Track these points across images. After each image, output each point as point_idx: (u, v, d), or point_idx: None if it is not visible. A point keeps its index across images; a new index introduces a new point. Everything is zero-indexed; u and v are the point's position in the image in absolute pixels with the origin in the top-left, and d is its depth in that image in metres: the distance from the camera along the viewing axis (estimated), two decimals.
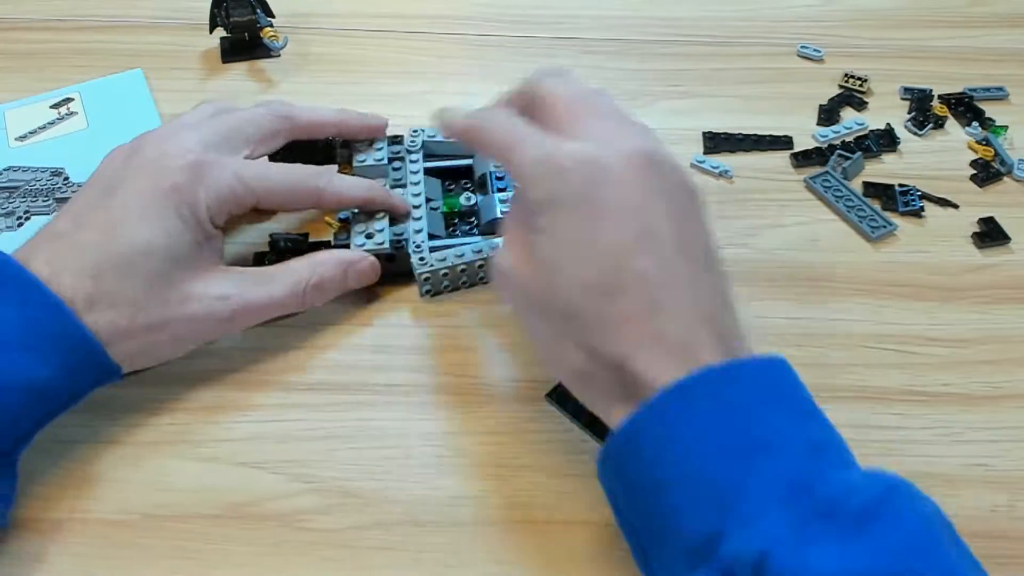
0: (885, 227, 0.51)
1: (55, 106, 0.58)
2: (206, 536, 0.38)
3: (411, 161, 0.52)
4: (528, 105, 0.39)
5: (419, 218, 0.48)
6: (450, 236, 0.50)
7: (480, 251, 0.47)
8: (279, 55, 0.63)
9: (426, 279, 0.46)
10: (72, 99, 0.58)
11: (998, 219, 0.52)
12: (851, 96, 0.61)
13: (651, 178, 0.35)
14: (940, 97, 0.60)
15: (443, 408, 0.43)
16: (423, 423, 0.42)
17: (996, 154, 0.56)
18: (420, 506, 0.39)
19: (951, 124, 0.59)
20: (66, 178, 0.54)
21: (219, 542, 0.38)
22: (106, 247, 0.39)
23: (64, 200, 0.52)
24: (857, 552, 0.28)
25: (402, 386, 0.44)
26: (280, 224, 0.51)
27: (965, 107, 0.60)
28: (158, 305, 0.39)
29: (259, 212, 0.48)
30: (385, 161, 0.51)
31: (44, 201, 0.52)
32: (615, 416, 0.33)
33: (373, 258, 0.46)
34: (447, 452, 0.41)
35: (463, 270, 0.47)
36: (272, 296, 0.43)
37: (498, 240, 0.48)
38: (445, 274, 0.47)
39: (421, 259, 0.46)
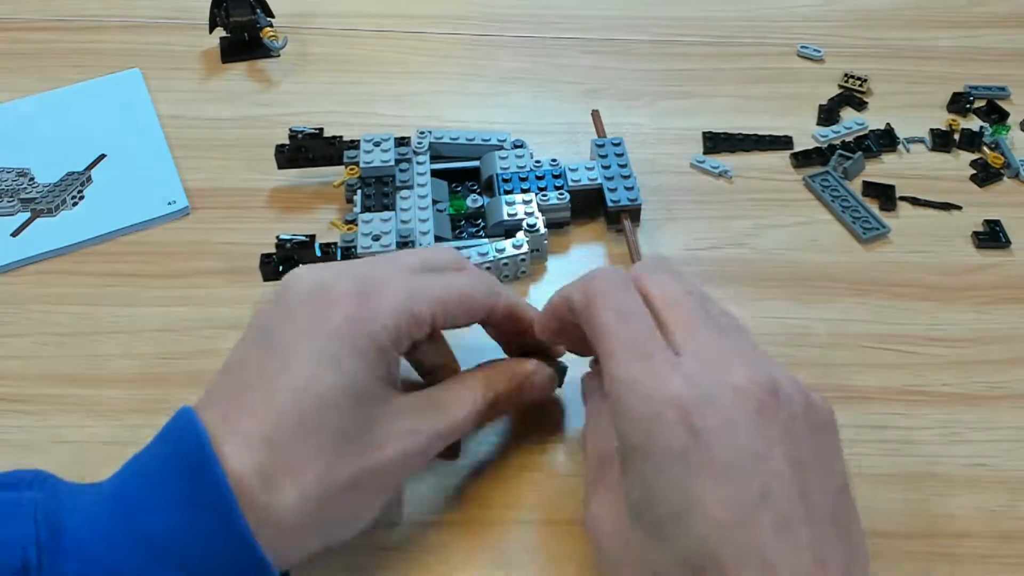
0: (877, 229, 0.51)
1: None
2: None
3: (418, 163, 0.52)
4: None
5: (425, 220, 0.48)
6: (456, 238, 0.50)
7: (486, 254, 0.47)
8: (279, 55, 0.63)
9: None
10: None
11: (997, 219, 0.52)
12: (851, 96, 0.61)
13: (770, 418, 0.29)
14: (974, 111, 0.60)
15: None
16: None
17: (1007, 162, 0.56)
18: (420, 506, 0.39)
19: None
20: (31, 179, 0.54)
21: None
22: (277, 404, 0.31)
23: (29, 200, 0.52)
24: None
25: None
26: (287, 225, 0.51)
27: (990, 107, 0.60)
28: (351, 458, 0.32)
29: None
30: (392, 162, 0.51)
31: (8, 201, 0.52)
32: None
33: (550, 370, 0.40)
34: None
35: None
36: (455, 421, 0.36)
37: (504, 243, 0.48)
38: None
39: None
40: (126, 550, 0.29)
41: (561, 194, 0.50)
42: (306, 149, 0.52)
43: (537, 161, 0.52)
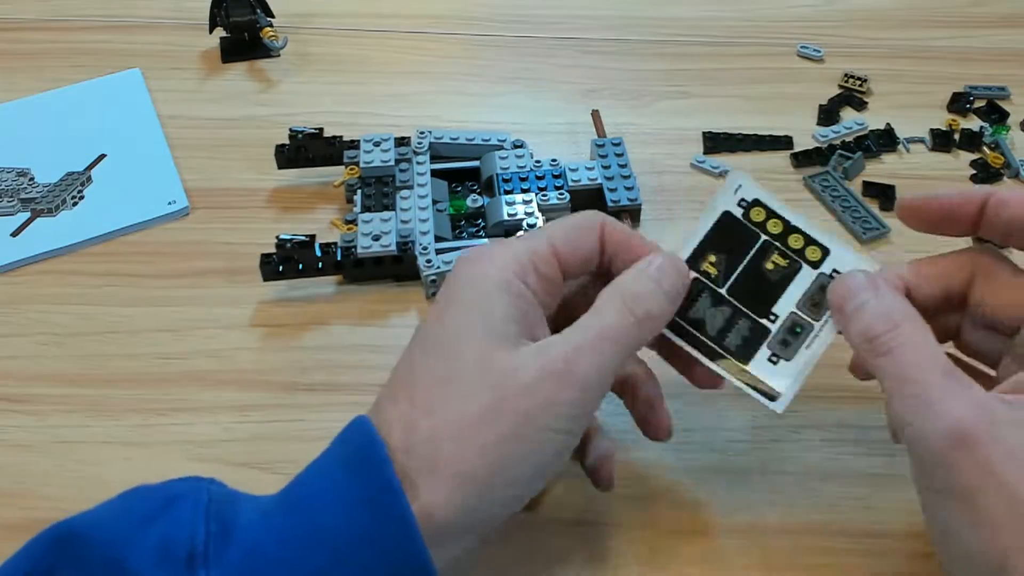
0: (877, 229, 0.51)
1: None
2: None
3: (418, 163, 0.52)
4: (947, 279, 0.33)
5: (426, 220, 0.48)
6: (457, 238, 0.50)
7: None
8: (279, 55, 0.63)
9: (432, 281, 0.46)
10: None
11: None
12: (851, 96, 0.61)
13: None
14: (974, 111, 0.60)
15: None
16: None
17: (1007, 162, 0.56)
18: None
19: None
20: (31, 178, 0.54)
21: None
22: (413, 363, 0.32)
23: (29, 200, 0.52)
24: None
25: None
26: (287, 225, 0.51)
27: (990, 108, 0.60)
28: (481, 391, 0.31)
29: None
30: (392, 162, 0.51)
31: (8, 201, 0.52)
32: None
33: (671, 255, 0.36)
34: None
35: None
36: (603, 326, 0.33)
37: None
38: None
39: (428, 261, 0.46)
40: (296, 544, 0.29)
41: (561, 194, 0.50)
42: (306, 149, 0.52)
43: (537, 161, 0.52)
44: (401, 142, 0.53)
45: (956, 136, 0.58)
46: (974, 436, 0.28)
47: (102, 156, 0.55)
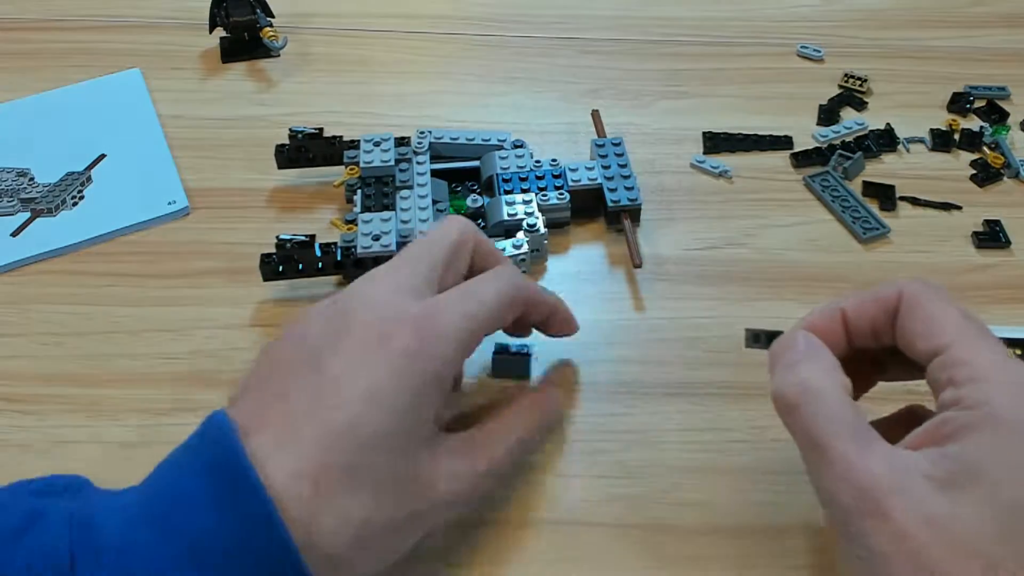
0: (877, 229, 0.51)
1: None
2: None
3: (418, 163, 0.52)
4: (874, 315, 0.33)
5: (426, 220, 0.48)
6: None
7: None
8: (279, 55, 0.63)
9: None
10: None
11: (997, 219, 0.52)
12: (851, 96, 0.61)
13: None
14: (974, 111, 0.60)
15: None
16: None
17: (1007, 162, 0.56)
18: None
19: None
20: (31, 178, 0.54)
21: None
22: (328, 444, 0.30)
23: (29, 200, 0.52)
24: None
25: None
26: (287, 225, 0.51)
27: (990, 108, 0.60)
28: (399, 502, 0.31)
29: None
30: (392, 162, 0.51)
31: (8, 201, 0.52)
32: None
33: (557, 395, 0.42)
34: None
35: None
36: (491, 462, 0.35)
37: (504, 243, 0.48)
38: None
39: None
40: (162, 548, 0.28)
41: (561, 194, 0.50)
42: (306, 149, 0.52)
43: (537, 161, 0.52)
44: (401, 142, 0.53)
45: (956, 136, 0.58)
46: (883, 501, 0.28)
47: (102, 156, 0.55)
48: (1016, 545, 0.27)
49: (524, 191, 0.50)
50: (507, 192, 0.50)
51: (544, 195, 0.50)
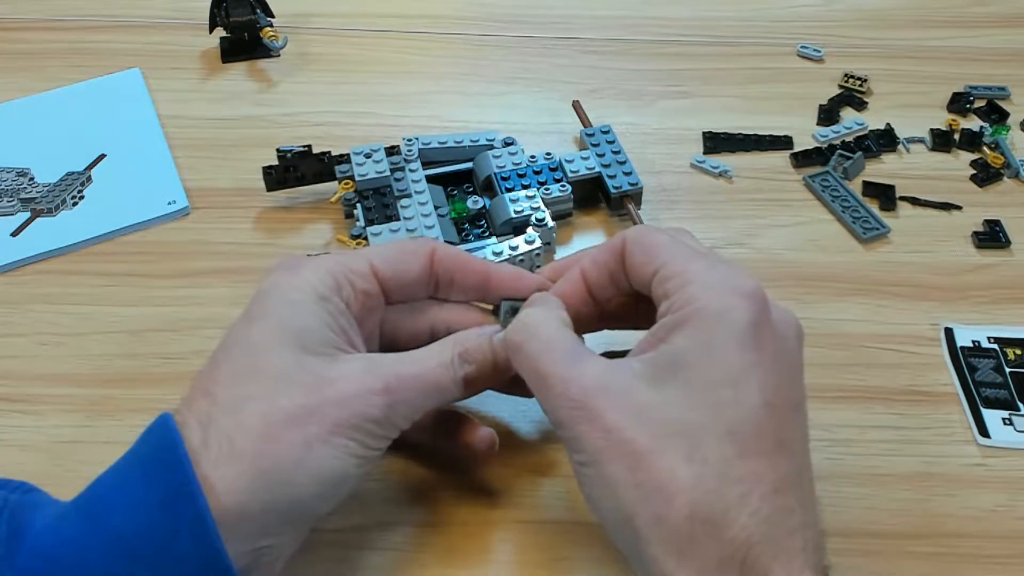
0: (877, 229, 0.51)
1: None
2: None
3: (411, 170, 0.51)
4: (607, 262, 0.35)
5: (431, 226, 0.48)
6: (463, 240, 0.49)
7: (500, 253, 0.47)
8: (279, 55, 0.63)
9: None
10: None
11: (997, 219, 0.52)
12: (851, 96, 0.61)
13: (802, 349, 0.32)
14: (974, 111, 0.60)
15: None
16: None
17: (1007, 162, 0.56)
18: (420, 506, 0.39)
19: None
20: (31, 178, 0.54)
21: None
22: (218, 360, 0.33)
23: (29, 200, 0.52)
24: None
25: None
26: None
27: (990, 108, 0.60)
28: (293, 392, 0.32)
29: None
30: (387, 172, 0.51)
31: (8, 201, 0.52)
32: None
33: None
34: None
35: None
36: (422, 366, 0.34)
37: (516, 240, 0.48)
38: None
39: None
40: (91, 548, 0.28)
41: (563, 186, 0.50)
42: (295, 168, 0.51)
43: (532, 156, 0.52)
44: (391, 151, 0.52)
45: (956, 136, 0.58)
46: (593, 404, 0.30)
47: (102, 156, 0.55)
48: (715, 422, 0.29)
49: (525, 187, 0.50)
50: (508, 190, 0.50)
51: (546, 189, 0.50)
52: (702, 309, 0.31)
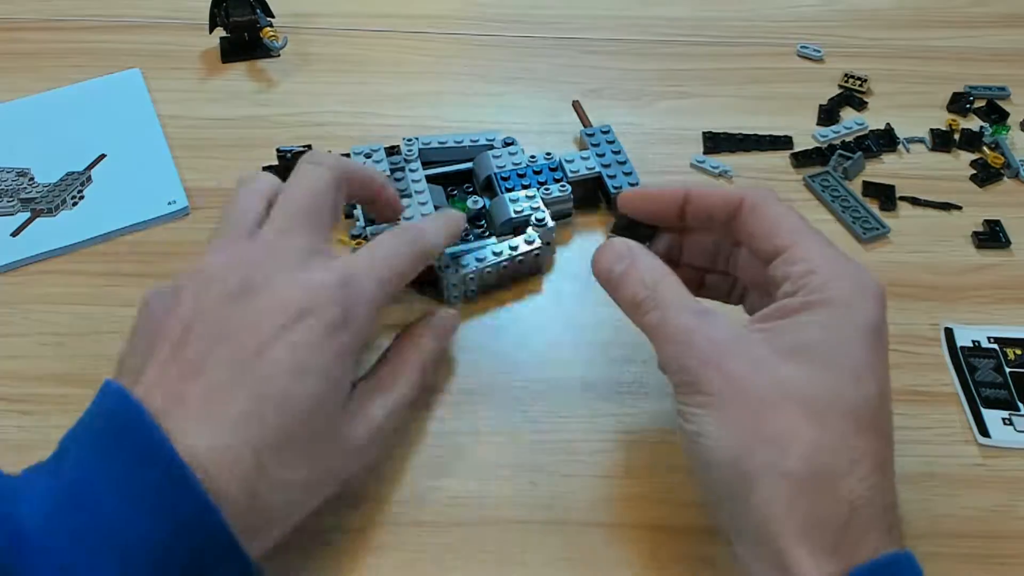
0: (877, 229, 0.51)
1: None
2: None
3: (411, 171, 0.51)
4: (713, 207, 0.37)
5: None
6: (464, 240, 0.49)
7: (500, 254, 0.47)
8: (279, 55, 0.63)
9: (454, 285, 0.46)
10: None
11: (997, 219, 0.52)
12: (851, 96, 0.61)
13: (885, 332, 0.33)
14: (974, 111, 0.60)
15: (443, 408, 0.43)
16: (423, 423, 0.42)
17: (1007, 162, 0.56)
18: (420, 506, 0.39)
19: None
20: (31, 178, 0.54)
21: None
22: (263, 418, 0.31)
23: (29, 200, 0.52)
24: None
25: None
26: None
27: (990, 108, 0.60)
28: (329, 458, 0.34)
29: None
30: (387, 172, 0.51)
31: (8, 201, 0.52)
32: (794, 553, 0.29)
33: (452, 312, 0.43)
34: (447, 452, 0.41)
35: (489, 273, 0.47)
36: (406, 400, 0.38)
37: (516, 240, 0.48)
38: (471, 278, 0.47)
39: (446, 267, 0.46)
40: (90, 548, 0.28)
41: (563, 186, 0.50)
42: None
43: (532, 156, 0.52)
44: (391, 151, 0.52)
45: (956, 136, 0.58)
46: (722, 352, 0.32)
47: (102, 156, 0.55)
48: (836, 401, 0.31)
49: (525, 187, 0.50)
50: (508, 190, 0.50)
51: (545, 189, 0.50)
52: (832, 300, 0.32)
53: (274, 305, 0.33)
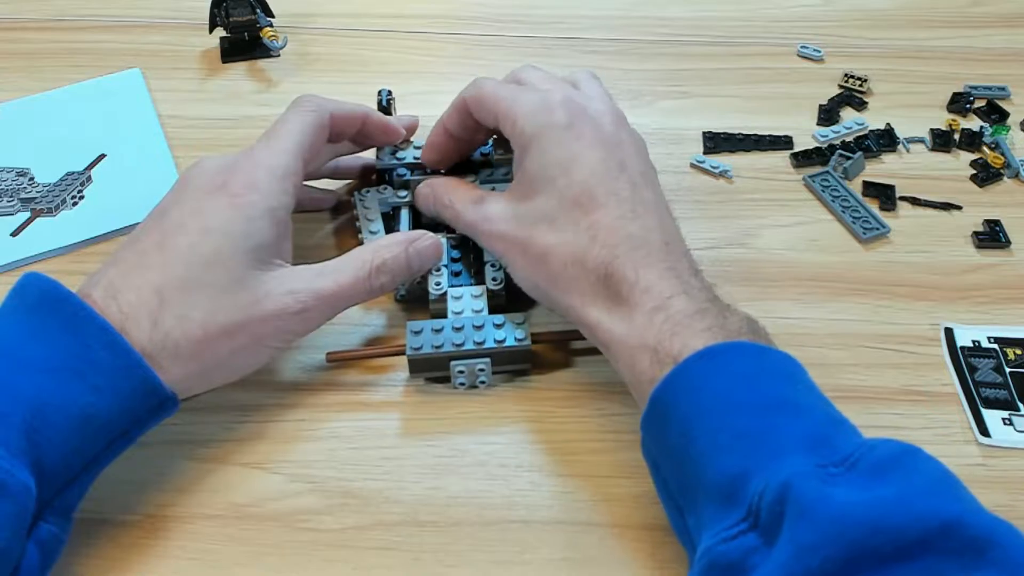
0: (877, 229, 0.51)
1: None
2: (208, 536, 0.38)
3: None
4: (461, 120, 0.46)
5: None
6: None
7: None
8: (279, 55, 0.63)
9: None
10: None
11: (997, 219, 0.52)
12: (851, 96, 0.61)
13: (620, 124, 0.43)
14: (974, 111, 0.60)
15: (443, 408, 0.43)
16: (423, 423, 0.43)
17: (1007, 162, 0.56)
18: (420, 506, 0.39)
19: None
20: (31, 178, 0.54)
21: (220, 542, 0.38)
22: (170, 263, 0.38)
23: (29, 200, 0.52)
24: (881, 489, 0.29)
25: (402, 386, 0.44)
26: None
27: (990, 108, 0.60)
28: (230, 309, 0.38)
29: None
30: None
31: (8, 201, 0.52)
32: (590, 312, 0.39)
33: (435, 237, 0.45)
34: (447, 452, 0.41)
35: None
36: (339, 283, 0.41)
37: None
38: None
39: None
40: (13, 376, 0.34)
41: None
42: None
43: None
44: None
45: (956, 136, 0.58)
46: (491, 229, 0.43)
47: (102, 156, 0.55)
48: (560, 201, 0.40)
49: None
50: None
51: None
52: (527, 133, 0.41)
53: (197, 184, 0.41)
